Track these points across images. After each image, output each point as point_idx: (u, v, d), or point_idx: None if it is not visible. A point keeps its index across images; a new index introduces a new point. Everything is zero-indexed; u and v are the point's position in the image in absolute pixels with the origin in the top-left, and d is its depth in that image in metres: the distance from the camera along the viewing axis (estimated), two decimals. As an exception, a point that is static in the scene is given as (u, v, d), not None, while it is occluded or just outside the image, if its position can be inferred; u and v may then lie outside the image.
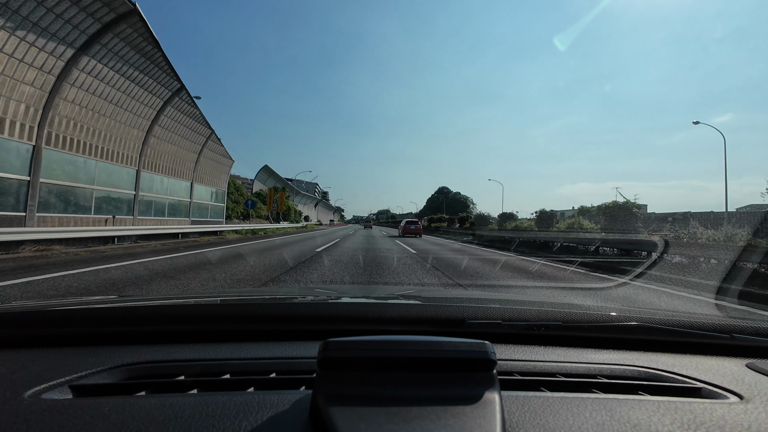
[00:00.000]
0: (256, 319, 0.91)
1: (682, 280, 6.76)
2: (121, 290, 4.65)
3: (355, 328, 0.88)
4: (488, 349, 0.52)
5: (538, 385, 0.66)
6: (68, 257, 8.29)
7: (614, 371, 0.73)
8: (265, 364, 0.71)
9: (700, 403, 0.60)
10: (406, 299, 1.21)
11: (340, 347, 0.52)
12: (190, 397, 0.57)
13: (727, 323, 0.91)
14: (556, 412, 0.55)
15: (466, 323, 0.88)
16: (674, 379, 0.71)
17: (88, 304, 1.02)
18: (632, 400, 0.60)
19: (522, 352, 0.81)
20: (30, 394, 0.56)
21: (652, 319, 0.92)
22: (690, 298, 5.38)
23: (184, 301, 1.13)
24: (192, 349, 0.77)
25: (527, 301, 1.30)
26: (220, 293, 2.20)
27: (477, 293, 2.84)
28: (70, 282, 5.07)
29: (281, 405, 0.53)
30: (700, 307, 4.79)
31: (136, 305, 0.99)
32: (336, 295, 1.49)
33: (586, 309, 1.01)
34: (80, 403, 0.54)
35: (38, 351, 0.75)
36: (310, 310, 1.03)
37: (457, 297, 1.46)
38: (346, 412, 0.45)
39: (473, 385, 0.50)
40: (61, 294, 4.34)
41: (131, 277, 5.62)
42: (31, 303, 1.06)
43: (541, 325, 0.88)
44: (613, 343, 0.88)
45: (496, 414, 0.46)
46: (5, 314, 0.88)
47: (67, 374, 0.63)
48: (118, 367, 0.67)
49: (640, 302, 4.92)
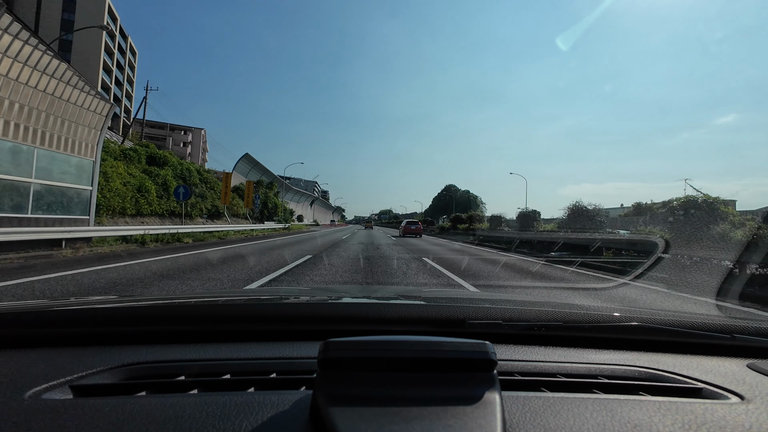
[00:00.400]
0: (256, 319, 0.91)
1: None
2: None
3: (355, 328, 0.88)
4: (489, 349, 0.52)
5: (539, 386, 0.66)
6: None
7: (615, 371, 0.73)
8: (265, 364, 0.71)
9: (701, 404, 0.59)
10: (407, 299, 1.21)
11: (341, 347, 0.52)
12: (190, 398, 0.57)
13: (728, 323, 0.91)
14: (557, 412, 0.55)
15: (466, 323, 0.88)
16: (675, 379, 0.71)
17: (88, 304, 1.01)
18: (633, 400, 0.60)
19: (522, 353, 0.81)
20: (30, 394, 0.56)
21: (652, 319, 0.92)
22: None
23: (184, 301, 1.13)
24: (192, 349, 0.77)
25: (528, 301, 1.30)
26: (221, 293, 2.20)
27: (478, 293, 2.84)
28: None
29: (282, 405, 0.53)
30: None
31: (136, 305, 0.99)
32: (336, 296, 1.48)
33: (586, 309, 1.01)
34: (81, 403, 0.54)
35: (39, 351, 0.75)
36: (311, 310, 1.03)
37: (457, 297, 1.46)
38: (346, 412, 0.45)
39: (474, 385, 0.50)
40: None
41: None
42: (31, 303, 1.06)
43: (541, 325, 0.88)
44: (614, 344, 0.88)
45: (496, 414, 0.46)
46: (5, 314, 0.88)
47: (68, 374, 0.63)
48: (118, 367, 0.67)
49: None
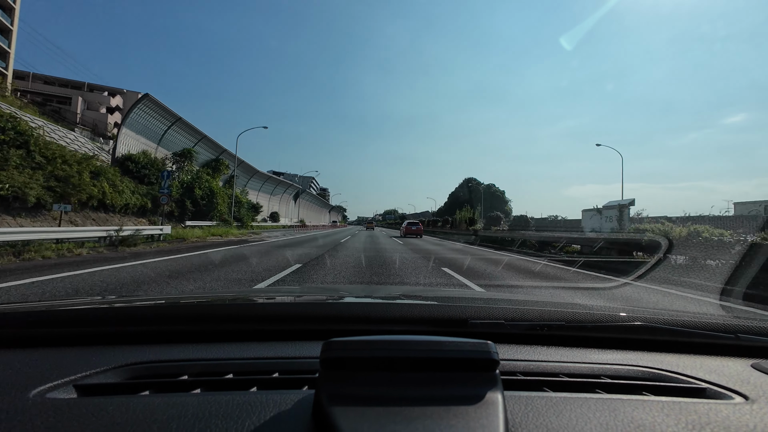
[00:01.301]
0: (258, 318, 0.91)
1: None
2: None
3: (357, 327, 0.88)
4: (491, 349, 0.52)
5: (541, 386, 0.66)
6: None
7: (618, 371, 0.73)
8: (267, 363, 0.71)
9: (704, 404, 0.59)
10: (409, 299, 1.21)
11: (343, 347, 0.52)
12: (193, 397, 0.57)
13: (732, 323, 0.91)
14: (560, 412, 0.55)
15: (468, 323, 0.88)
16: (678, 379, 0.70)
17: (92, 304, 1.02)
18: (636, 400, 0.60)
19: (525, 352, 0.81)
20: (35, 393, 0.56)
21: (655, 319, 0.92)
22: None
23: (187, 301, 1.13)
24: (195, 348, 0.78)
25: (530, 300, 1.30)
26: (223, 293, 2.21)
27: (480, 293, 2.84)
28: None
29: (284, 405, 0.53)
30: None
31: (139, 305, 1.00)
32: (338, 295, 1.49)
33: (589, 309, 1.01)
34: (85, 402, 0.54)
35: (43, 351, 0.75)
36: (313, 310, 1.03)
37: (459, 297, 1.46)
38: (348, 411, 0.45)
39: (476, 385, 0.50)
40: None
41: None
42: (35, 303, 1.07)
43: (544, 325, 0.88)
44: (617, 343, 0.87)
45: (499, 414, 0.46)
46: (10, 314, 0.89)
47: (72, 374, 0.63)
48: (121, 367, 0.67)
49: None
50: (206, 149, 29.89)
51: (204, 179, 26.89)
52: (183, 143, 26.86)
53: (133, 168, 20.88)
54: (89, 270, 6.40)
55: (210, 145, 30.16)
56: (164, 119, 24.18)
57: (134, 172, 20.82)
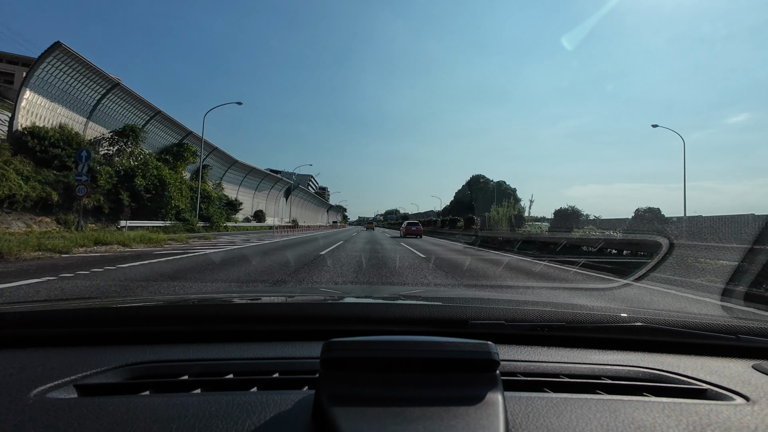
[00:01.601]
0: (259, 319, 0.91)
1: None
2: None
3: (357, 328, 0.88)
4: (491, 349, 0.52)
5: (542, 386, 0.66)
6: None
7: (618, 372, 0.73)
8: (268, 364, 0.71)
9: (705, 405, 0.59)
10: (409, 299, 1.21)
11: (343, 347, 0.52)
12: (193, 397, 0.57)
13: (732, 324, 0.90)
14: (560, 413, 0.55)
15: (469, 324, 0.88)
16: (679, 380, 0.70)
17: (93, 304, 1.02)
18: (637, 401, 0.60)
19: (525, 353, 0.81)
20: (35, 393, 0.56)
21: (656, 319, 0.92)
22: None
23: (187, 301, 1.13)
24: (195, 349, 0.78)
25: (530, 301, 1.30)
26: (224, 293, 2.21)
27: (480, 293, 2.84)
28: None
29: (284, 405, 0.53)
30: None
31: (140, 305, 1.00)
32: (339, 296, 1.49)
33: (589, 309, 1.01)
34: (85, 402, 0.55)
35: (43, 351, 0.75)
36: (313, 311, 1.03)
37: (460, 297, 1.46)
38: (348, 412, 0.45)
39: (476, 385, 0.50)
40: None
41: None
42: (36, 303, 1.07)
43: (544, 325, 0.88)
44: (618, 344, 0.87)
45: (499, 415, 0.46)
46: (10, 314, 0.89)
47: (72, 374, 0.63)
48: (122, 367, 0.67)
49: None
50: (165, 130, 22.98)
51: (152, 165, 19.79)
52: (129, 120, 19.71)
53: (36, 146, 14.45)
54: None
55: (169, 125, 23.01)
56: (96, 84, 17.07)
57: (38, 151, 14.53)
